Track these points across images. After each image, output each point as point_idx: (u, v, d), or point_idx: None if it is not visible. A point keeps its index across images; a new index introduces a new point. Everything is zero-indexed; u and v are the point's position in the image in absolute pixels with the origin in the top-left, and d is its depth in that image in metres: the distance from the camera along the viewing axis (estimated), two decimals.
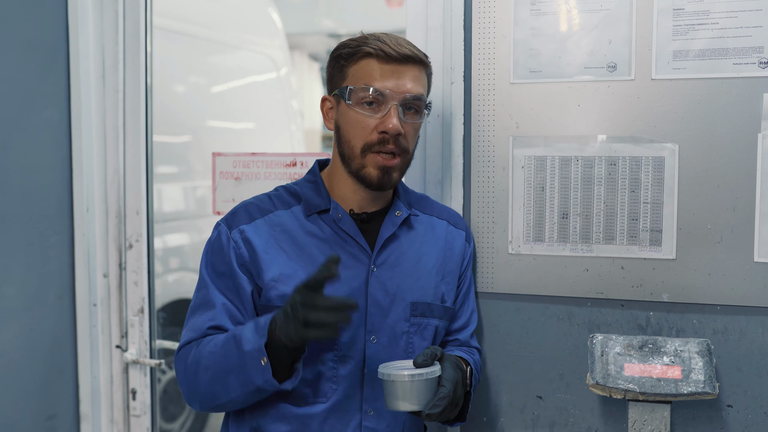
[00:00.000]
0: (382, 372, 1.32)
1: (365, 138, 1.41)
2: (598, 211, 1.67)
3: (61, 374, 2.08)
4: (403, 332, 1.49)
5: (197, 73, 3.87)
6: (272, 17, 4.54)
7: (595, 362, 1.57)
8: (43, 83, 2.00)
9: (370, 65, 1.41)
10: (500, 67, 1.71)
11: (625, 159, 1.65)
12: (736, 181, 1.59)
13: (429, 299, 1.52)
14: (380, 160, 1.41)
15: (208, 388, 1.38)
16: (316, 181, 1.52)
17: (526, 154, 1.71)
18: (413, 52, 1.43)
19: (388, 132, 1.39)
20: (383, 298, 1.47)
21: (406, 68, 1.42)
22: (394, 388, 1.31)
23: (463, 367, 1.45)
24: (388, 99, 1.40)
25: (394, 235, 1.51)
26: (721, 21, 1.58)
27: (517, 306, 1.74)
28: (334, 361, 1.44)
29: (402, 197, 1.56)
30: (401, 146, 1.42)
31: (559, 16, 1.67)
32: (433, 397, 1.31)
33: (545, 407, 1.74)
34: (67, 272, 2.08)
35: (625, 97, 1.64)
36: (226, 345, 1.35)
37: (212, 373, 1.36)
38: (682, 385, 1.49)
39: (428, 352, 1.34)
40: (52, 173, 2.03)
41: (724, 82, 1.59)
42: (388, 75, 1.40)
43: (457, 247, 1.61)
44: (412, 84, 1.42)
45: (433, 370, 1.31)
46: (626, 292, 1.67)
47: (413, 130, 1.45)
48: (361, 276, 1.46)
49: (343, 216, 1.47)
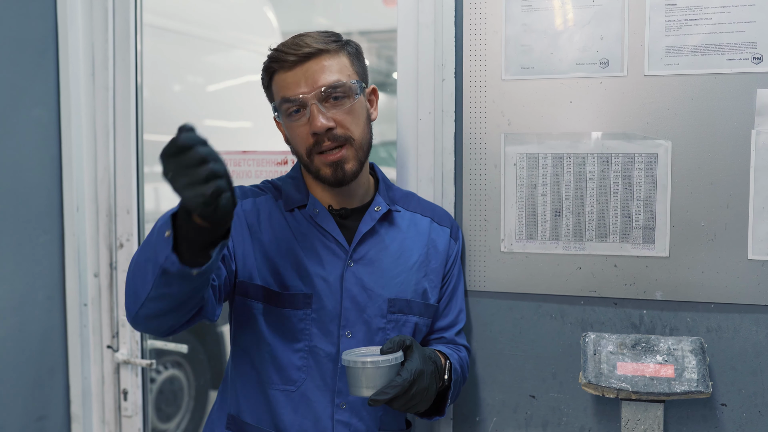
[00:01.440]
0: (343, 357, 1.33)
1: (305, 144, 1.43)
2: (590, 208, 1.66)
3: (52, 375, 2.06)
4: (379, 328, 1.49)
5: (192, 72, 3.86)
6: (268, 16, 4.52)
7: (587, 361, 1.55)
8: (32, 81, 1.99)
9: (280, 78, 1.43)
10: (492, 64, 1.70)
11: (618, 156, 1.63)
12: (729, 178, 1.58)
13: (408, 296, 1.51)
14: (325, 158, 1.43)
15: (131, 284, 1.25)
16: (296, 177, 1.55)
17: (518, 151, 1.69)
18: (312, 46, 1.41)
19: (317, 132, 1.40)
20: (359, 293, 1.47)
21: (311, 63, 1.41)
22: (350, 374, 1.32)
23: (440, 361, 1.45)
24: (305, 101, 1.41)
25: (373, 231, 1.51)
26: (714, 16, 1.56)
27: (510, 305, 1.73)
28: (305, 351, 1.45)
29: (383, 193, 1.56)
30: (339, 138, 1.42)
31: (551, 12, 1.65)
32: (386, 384, 1.30)
33: (538, 406, 1.72)
34: (57, 272, 2.06)
35: (617, 93, 1.63)
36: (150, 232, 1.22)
37: (136, 265, 1.23)
38: (675, 384, 1.48)
39: (396, 340, 1.34)
40: (41, 172, 2.02)
41: (717, 78, 1.57)
42: (296, 78, 1.41)
43: (441, 244, 1.60)
44: (324, 75, 1.41)
45: (388, 358, 1.31)
46: (619, 291, 1.65)
47: (347, 116, 1.43)
48: (337, 271, 1.47)
49: (320, 211, 1.49)
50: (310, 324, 1.45)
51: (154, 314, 1.24)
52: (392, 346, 1.33)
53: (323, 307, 1.46)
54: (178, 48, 3.64)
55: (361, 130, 1.46)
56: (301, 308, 1.45)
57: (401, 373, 1.32)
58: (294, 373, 1.46)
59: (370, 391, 1.30)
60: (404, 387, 1.30)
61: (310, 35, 1.44)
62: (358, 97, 1.45)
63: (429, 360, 1.39)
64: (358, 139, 1.45)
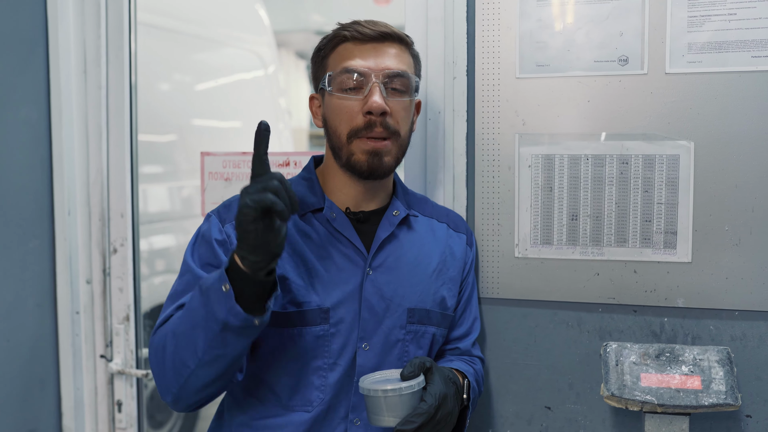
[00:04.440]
0: (360, 386, 1.24)
1: (351, 123, 1.35)
2: (609, 212, 1.59)
3: (43, 386, 1.97)
4: (398, 340, 1.40)
5: (182, 71, 3.77)
6: (259, 14, 4.45)
7: (609, 372, 1.49)
8: (21, 79, 1.89)
9: (347, 48, 1.37)
10: (505, 61, 1.63)
11: (638, 157, 1.57)
12: (754, 181, 1.51)
13: (428, 306, 1.44)
14: (369, 144, 1.35)
15: (175, 357, 1.22)
16: (310, 179, 1.45)
17: (533, 152, 1.62)
18: (390, 29, 1.38)
19: (373, 111, 1.33)
20: (378, 303, 1.38)
21: (385, 45, 1.37)
22: (371, 403, 1.23)
23: (459, 381, 1.37)
24: (368, 77, 1.34)
25: (392, 236, 1.43)
26: (738, 12, 1.50)
27: (524, 312, 1.66)
28: (323, 369, 1.36)
29: (400, 196, 1.48)
30: (390, 128, 1.35)
31: (567, 7, 1.58)
32: (411, 413, 1.22)
33: (554, 418, 1.66)
34: (47, 278, 1.97)
35: (637, 92, 1.56)
36: (191, 300, 1.21)
37: (179, 335, 1.21)
38: (702, 396, 1.41)
39: (416, 363, 1.26)
40: (31, 174, 1.92)
41: (741, 76, 1.51)
42: (366, 54, 1.36)
43: (458, 251, 1.53)
44: (392, 61, 1.37)
45: (411, 385, 1.22)
46: (639, 297, 1.59)
47: (402, 110, 1.37)
48: (355, 279, 1.38)
49: (337, 215, 1.40)
50: (329, 340, 1.35)
51: (204, 384, 1.23)
52: (413, 369, 1.24)
53: (342, 320, 1.36)
54: (167, 45, 3.56)
55: (407, 130, 1.41)
56: (318, 324, 1.35)
57: (425, 398, 1.23)
58: (311, 393, 1.36)
59: (394, 419, 1.21)
60: (430, 414, 1.22)
61: (382, 21, 1.40)
62: (414, 97, 1.41)
63: (450, 381, 1.31)
64: (403, 137, 1.39)
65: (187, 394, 1.25)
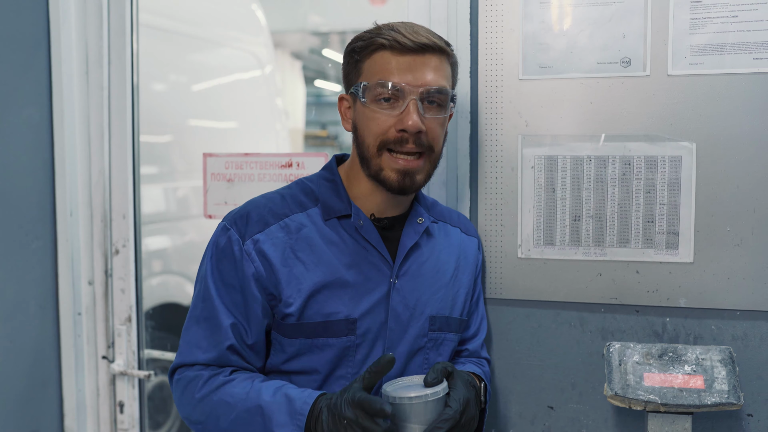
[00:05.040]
0: (384, 393, 1.24)
1: (383, 136, 1.30)
2: (612, 213, 1.60)
3: (45, 387, 1.97)
4: (420, 348, 1.40)
5: (179, 71, 3.76)
6: (256, 14, 4.44)
7: (612, 372, 1.50)
8: (23, 80, 1.89)
9: (385, 58, 1.30)
10: (508, 63, 1.64)
11: (640, 158, 1.58)
12: (756, 181, 1.52)
13: (447, 312, 1.44)
14: (400, 163, 1.30)
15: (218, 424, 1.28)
16: (335, 181, 1.40)
17: (536, 153, 1.63)
18: (432, 40, 1.30)
19: (408, 130, 1.28)
20: (403, 311, 1.37)
21: (425, 58, 1.30)
22: (396, 410, 1.22)
23: (477, 384, 1.37)
24: (406, 94, 1.29)
25: (415, 244, 1.41)
26: (740, 14, 1.51)
27: (527, 312, 1.67)
28: (347, 378, 1.35)
29: (422, 202, 1.47)
30: (423, 144, 1.31)
31: (570, 9, 1.59)
32: (437, 418, 1.22)
33: (557, 418, 1.66)
34: (50, 280, 1.97)
35: (640, 93, 1.57)
36: (250, 413, 1.24)
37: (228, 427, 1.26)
38: (705, 395, 1.43)
39: (439, 368, 1.25)
40: (33, 175, 1.92)
41: (743, 78, 1.52)
42: (404, 67, 1.29)
43: (471, 255, 1.53)
44: (432, 75, 1.30)
45: (436, 391, 1.22)
46: (641, 298, 1.60)
47: (437, 126, 1.33)
48: (382, 288, 1.36)
49: (365, 223, 1.36)
50: (354, 350, 1.34)
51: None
52: (436, 375, 1.23)
53: (368, 330, 1.34)
54: (164, 46, 3.55)
55: (441, 145, 1.37)
56: (344, 335, 1.33)
57: (450, 404, 1.23)
58: None
59: (419, 426, 1.21)
60: (456, 419, 1.22)
61: (424, 27, 1.33)
62: (450, 111, 1.37)
63: (470, 385, 1.30)
64: (437, 153, 1.35)
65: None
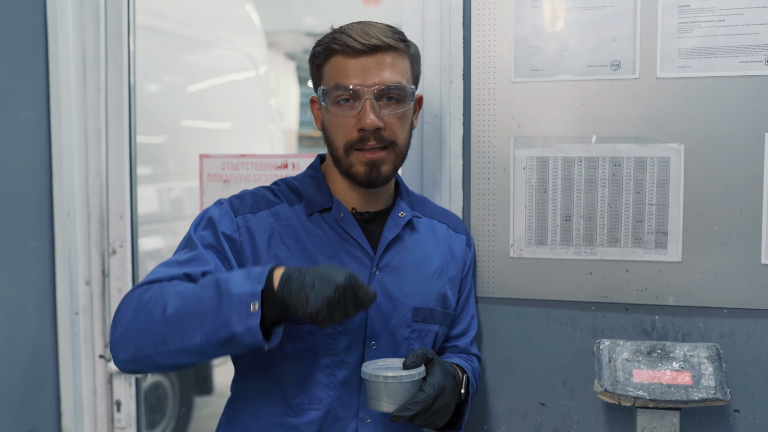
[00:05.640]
0: (363, 371, 1.29)
1: (346, 137, 1.37)
2: (602, 213, 1.63)
3: (42, 386, 1.99)
4: (404, 338, 1.44)
5: (172, 72, 3.78)
6: (251, 15, 4.46)
7: (602, 369, 1.53)
8: (21, 82, 1.91)
9: (339, 62, 1.36)
10: (501, 66, 1.67)
11: (630, 159, 1.61)
12: (743, 182, 1.56)
13: (431, 305, 1.47)
14: (366, 156, 1.37)
15: (157, 329, 1.20)
16: (317, 178, 1.47)
17: (528, 154, 1.66)
18: (382, 40, 1.35)
19: (366, 129, 1.34)
20: (385, 302, 1.42)
21: (377, 58, 1.35)
22: (371, 388, 1.28)
23: (458, 375, 1.41)
24: (361, 94, 1.34)
25: (397, 237, 1.46)
26: (727, 18, 1.55)
27: (519, 311, 1.70)
28: (331, 367, 1.39)
29: (405, 197, 1.51)
30: (385, 140, 1.37)
31: (561, 13, 1.62)
32: (409, 400, 1.26)
33: (548, 415, 1.70)
34: (47, 280, 1.99)
35: (629, 96, 1.60)
36: (203, 287, 1.20)
37: (172, 313, 1.19)
38: (692, 391, 1.46)
39: (419, 353, 1.30)
40: (30, 176, 1.94)
41: (730, 81, 1.55)
42: (358, 69, 1.34)
43: (459, 252, 1.56)
44: (385, 73, 1.35)
45: (411, 374, 1.27)
46: (631, 296, 1.63)
47: (397, 120, 1.38)
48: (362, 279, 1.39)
49: (345, 215, 1.42)
50: (336, 338, 1.38)
51: (168, 365, 1.23)
52: (415, 360, 1.29)
53: (350, 319, 1.38)
54: (158, 47, 3.57)
55: (405, 137, 1.42)
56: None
57: (424, 388, 1.28)
58: (320, 391, 1.38)
59: (391, 406, 1.26)
60: (427, 403, 1.26)
61: (377, 26, 1.38)
62: (410, 105, 1.41)
63: (449, 374, 1.35)
64: (401, 146, 1.41)
65: (143, 365, 1.23)
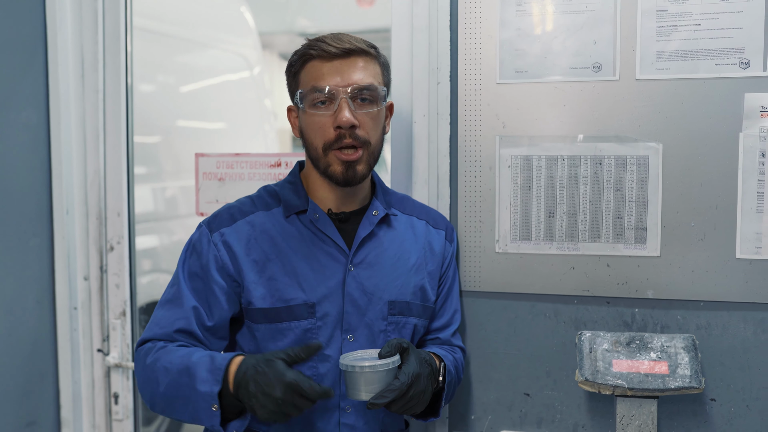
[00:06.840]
0: (341, 362, 1.36)
1: (324, 137, 1.44)
2: (584, 209, 1.69)
3: (42, 379, 2.04)
4: (380, 331, 1.50)
5: (167, 72, 3.82)
6: (245, 16, 4.50)
7: (583, 359, 1.59)
8: (21, 83, 1.96)
9: (315, 66, 1.45)
10: (486, 68, 1.73)
11: (610, 158, 1.67)
12: (718, 180, 1.62)
13: (408, 298, 1.54)
14: (342, 156, 1.44)
15: (160, 403, 1.42)
16: (295, 182, 1.55)
17: (513, 153, 1.72)
18: (354, 44, 1.45)
19: (342, 126, 1.42)
20: (360, 297, 1.49)
21: (350, 61, 1.44)
22: (349, 378, 1.34)
23: (435, 363, 1.47)
24: (337, 94, 1.43)
25: (372, 234, 1.52)
26: (703, 22, 1.61)
27: (504, 304, 1.76)
28: (313, 361, 1.46)
29: (380, 197, 1.57)
30: (359, 138, 1.44)
31: (545, 17, 1.69)
32: (385, 388, 1.33)
33: (533, 404, 1.76)
34: (47, 275, 2.04)
35: (609, 97, 1.66)
36: (180, 374, 1.37)
37: (163, 393, 1.39)
38: (669, 380, 1.52)
39: (393, 343, 1.38)
40: (30, 175, 1.99)
41: (706, 82, 1.62)
42: (333, 71, 1.43)
43: (437, 246, 1.62)
44: (359, 75, 1.44)
45: (386, 363, 1.33)
46: (612, 290, 1.69)
47: (370, 120, 1.46)
48: (338, 275, 1.48)
49: (320, 216, 1.49)
50: (316, 333, 1.45)
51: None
52: (390, 349, 1.36)
53: (327, 314, 1.46)
54: (152, 47, 3.61)
55: (377, 138, 1.49)
56: (305, 318, 1.45)
57: (399, 376, 1.34)
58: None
59: (369, 394, 1.33)
60: (402, 390, 1.33)
61: (350, 35, 1.47)
62: (383, 106, 1.48)
63: (425, 362, 1.41)
64: (374, 145, 1.48)
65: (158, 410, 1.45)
